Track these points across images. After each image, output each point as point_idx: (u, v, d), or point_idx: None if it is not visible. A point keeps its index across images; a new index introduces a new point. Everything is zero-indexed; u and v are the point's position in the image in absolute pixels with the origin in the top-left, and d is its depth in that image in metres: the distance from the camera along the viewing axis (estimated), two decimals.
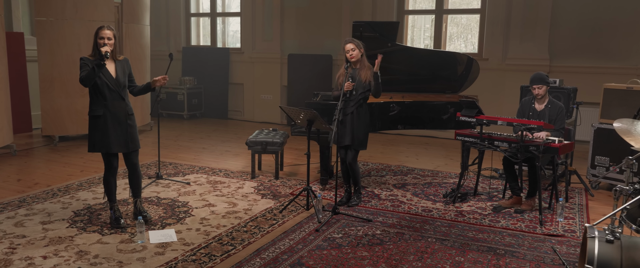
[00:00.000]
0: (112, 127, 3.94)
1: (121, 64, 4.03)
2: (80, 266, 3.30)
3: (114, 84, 3.93)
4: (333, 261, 3.47)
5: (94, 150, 3.97)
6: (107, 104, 3.92)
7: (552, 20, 7.46)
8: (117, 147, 3.99)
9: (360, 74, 4.47)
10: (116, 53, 3.99)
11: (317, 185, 5.27)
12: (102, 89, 3.89)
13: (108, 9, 7.20)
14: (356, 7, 8.55)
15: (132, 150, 4.08)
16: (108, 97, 3.92)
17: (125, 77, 4.04)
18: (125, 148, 4.04)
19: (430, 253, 3.63)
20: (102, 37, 3.85)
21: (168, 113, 9.88)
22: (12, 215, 4.22)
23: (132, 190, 4.23)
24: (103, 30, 3.88)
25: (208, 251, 3.59)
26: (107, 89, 3.91)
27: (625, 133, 2.77)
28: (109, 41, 3.86)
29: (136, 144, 4.11)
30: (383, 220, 4.27)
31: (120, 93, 3.98)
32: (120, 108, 3.97)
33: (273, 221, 4.21)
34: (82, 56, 3.93)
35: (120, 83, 3.97)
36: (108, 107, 3.93)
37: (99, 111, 3.91)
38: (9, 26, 7.89)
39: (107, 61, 3.89)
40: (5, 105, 6.22)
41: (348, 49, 4.48)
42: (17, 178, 5.41)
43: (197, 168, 5.92)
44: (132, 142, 4.06)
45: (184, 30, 10.36)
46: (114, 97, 3.94)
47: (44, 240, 3.72)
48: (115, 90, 3.94)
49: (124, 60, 4.09)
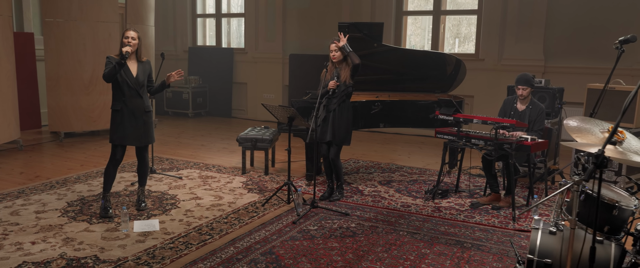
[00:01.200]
0: (128, 122, 4.21)
1: (143, 65, 4.29)
2: (65, 252, 3.52)
3: (133, 82, 4.19)
4: (303, 250, 3.63)
5: (111, 141, 4.25)
6: (126, 100, 4.19)
7: (547, 21, 7.52)
8: (132, 141, 4.26)
9: (340, 73, 4.63)
10: (140, 54, 4.26)
11: (304, 181, 5.44)
12: (122, 86, 4.16)
13: (113, 10, 7.48)
14: (355, 9, 8.70)
15: (145, 144, 4.36)
16: (126, 94, 4.18)
17: (145, 77, 4.29)
18: (139, 143, 4.32)
19: (398, 245, 3.78)
20: (126, 37, 4.13)
21: (174, 111, 10.15)
22: (9, 205, 4.48)
23: (139, 179, 4.52)
24: (128, 31, 4.17)
25: (186, 240, 3.79)
26: (127, 86, 4.17)
27: (576, 131, 2.87)
28: (132, 41, 4.14)
29: (149, 139, 4.38)
30: (360, 214, 4.42)
31: (139, 91, 4.23)
32: (137, 105, 4.23)
33: (254, 214, 4.40)
34: (108, 55, 4.20)
35: (139, 82, 4.22)
36: (126, 103, 4.19)
37: (118, 106, 4.20)
38: (20, 27, 8.23)
39: (131, 61, 4.18)
40: (12, 102, 6.53)
41: (332, 49, 4.65)
42: (20, 171, 5.69)
43: (192, 164, 6.14)
44: (146, 137, 4.33)
45: (190, 31, 10.63)
46: (132, 94, 4.20)
47: (35, 227, 3.96)
48: (133, 88, 4.20)
49: (147, 61, 4.34)
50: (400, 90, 6.03)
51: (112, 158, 4.28)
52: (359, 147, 7.37)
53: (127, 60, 4.15)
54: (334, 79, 4.61)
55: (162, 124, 9.07)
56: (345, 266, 3.41)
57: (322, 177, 5.53)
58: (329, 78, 4.66)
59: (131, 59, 4.20)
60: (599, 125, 3.01)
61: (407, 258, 3.55)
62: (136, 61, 4.23)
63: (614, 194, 2.70)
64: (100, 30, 7.32)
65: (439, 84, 6.17)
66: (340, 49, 4.58)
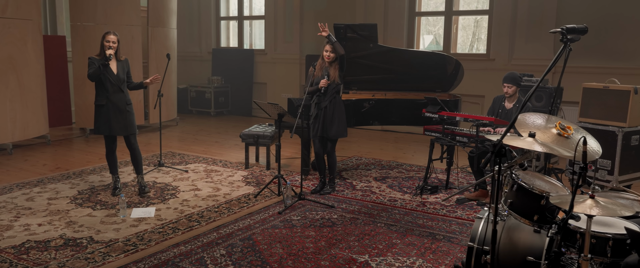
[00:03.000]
0: (113, 114, 4.69)
1: (122, 64, 4.80)
2: (65, 233, 3.90)
3: (114, 79, 4.67)
4: (279, 237, 3.88)
5: (98, 133, 4.78)
6: (109, 96, 4.66)
7: (557, 21, 7.48)
8: (117, 131, 4.76)
9: (330, 72, 4.86)
10: (119, 54, 4.74)
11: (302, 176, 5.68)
12: (105, 83, 4.65)
13: (135, 13, 7.94)
14: (369, 10, 8.88)
15: (130, 133, 4.81)
16: (109, 90, 4.66)
17: (124, 74, 4.80)
18: (124, 132, 4.79)
19: (372, 235, 3.97)
20: (108, 41, 4.59)
21: (197, 110, 10.60)
22: (27, 192, 4.93)
23: (135, 168, 4.95)
24: (108, 35, 4.65)
25: (175, 226, 4.10)
26: (109, 83, 4.65)
27: (523, 126, 2.98)
28: (113, 45, 4.63)
29: (133, 129, 4.84)
30: (345, 207, 4.63)
31: (120, 87, 4.74)
32: (119, 99, 4.72)
33: (244, 204, 4.68)
34: (90, 56, 4.67)
35: (120, 79, 4.73)
36: (109, 98, 4.67)
37: (102, 101, 4.68)
38: (54, 30, 8.85)
39: (111, 61, 4.67)
40: (41, 99, 7.06)
41: (327, 49, 4.90)
42: (43, 163, 6.18)
43: (201, 158, 6.49)
44: (130, 126, 4.81)
45: (214, 33, 11.06)
46: (114, 90, 4.69)
47: (44, 212, 4.37)
48: (115, 85, 4.69)
49: (125, 60, 4.87)
50: (400, 90, 6.20)
51: (109, 147, 4.85)
52: (367, 145, 7.56)
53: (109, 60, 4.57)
54: (325, 78, 4.84)
55: (184, 122, 9.52)
56: (314, 252, 3.64)
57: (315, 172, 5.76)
58: (318, 75, 4.89)
59: (112, 59, 4.61)
60: (553, 121, 3.12)
61: (375, 247, 3.75)
62: (116, 60, 4.71)
63: (546, 185, 2.83)
64: (123, 33, 7.76)
65: (440, 84, 6.29)
66: (327, 38, 4.81)
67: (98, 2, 7.54)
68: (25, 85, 6.73)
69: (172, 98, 8.97)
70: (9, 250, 3.58)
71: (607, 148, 5.24)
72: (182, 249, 3.65)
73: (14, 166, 5.99)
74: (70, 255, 3.49)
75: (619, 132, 5.05)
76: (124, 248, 3.63)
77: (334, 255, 3.58)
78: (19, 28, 6.58)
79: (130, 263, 3.40)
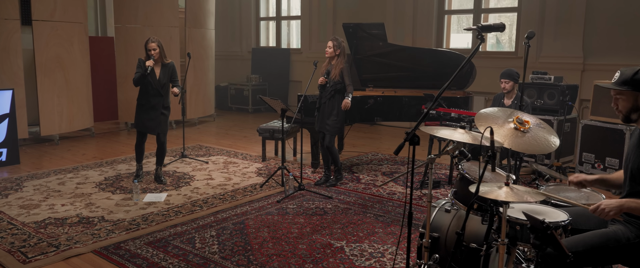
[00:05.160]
0: (149, 114, 5.13)
1: (166, 67, 5.15)
2: (81, 212, 4.38)
3: (156, 83, 5.10)
4: (269, 223, 4.17)
5: (134, 127, 5.21)
6: (149, 97, 5.10)
7: (586, 18, 7.31)
8: (149, 129, 5.19)
9: (331, 71, 5.10)
10: (163, 58, 5.12)
11: (311, 168, 5.94)
12: (147, 87, 5.10)
13: (173, 15, 8.49)
14: (399, 8, 9.00)
15: (161, 132, 5.21)
16: (150, 93, 5.11)
17: (167, 77, 5.17)
18: (153, 132, 5.20)
19: (357, 224, 4.17)
20: (149, 49, 5.01)
21: (236, 107, 11.11)
22: (61, 177, 5.50)
23: (157, 159, 5.39)
24: (149, 43, 5.05)
25: (179, 209, 4.49)
26: (151, 87, 5.10)
27: (482, 119, 3.08)
28: (153, 52, 5.02)
29: (164, 129, 5.23)
30: (342, 198, 4.85)
31: (160, 91, 5.13)
32: (158, 102, 5.14)
33: (249, 193, 5.00)
34: (140, 57, 5.11)
35: (161, 83, 5.12)
36: (149, 100, 5.11)
37: (143, 100, 5.14)
38: (103, 32, 9.60)
39: (156, 65, 5.09)
40: (86, 95, 7.73)
41: (329, 46, 5.15)
42: (82, 153, 6.80)
43: (225, 151, 6.90)
44: (160, 127, 5.20)
45: (254, 33, 11.53)
46: (155, 93, 5.12)
47: (70, 195, 4.89)
48: (156, 89, 5.11)
49: (170, 64, 5.20)
50: (416, 87, 6.32)
51: (138, 140, 5.27)
52: (388, 142, 7.70)
53: (153, 65, 4.98)
54: (324, 76, 5.08)
55: (221, 118, 10.02)
56: (297, 237, 3.89)
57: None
58: (323, 72, 5.14)
59: (156, 64, 5.03)
60: (511, 115, 3.21)
61: (356, 234, 3.95)
62: (160, 65, 5.06)
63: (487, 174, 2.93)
64: (162, 33, 8.34)
65: (456, 82, 6.35)
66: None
67: (139, 5, 8.13)
68: (72, 82, 7.40)
69: (208, 95, 9.48)
70: (31, 224, 4.08)
71: (615, 147, 5.16)
72: (178, 229, 4.01)
73: (57, 155, 6.64)
74: (80, 231, 3.94)
75: (626, 131, 4.95)
76: (128, 227, 4.05)
77: (313, 240, 3.82)
78: (66, 30, 7.25)
79: (128, 240, 3.80)
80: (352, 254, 3.59)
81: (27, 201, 4.67)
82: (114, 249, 3.64)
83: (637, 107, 2.30)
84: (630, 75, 2.30)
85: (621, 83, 2.33)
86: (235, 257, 3.52)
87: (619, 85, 2.33)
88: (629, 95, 2.31)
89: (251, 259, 3.49)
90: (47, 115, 7.09)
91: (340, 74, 5.06)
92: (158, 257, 3.50)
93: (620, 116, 2.40)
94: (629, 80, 2.30)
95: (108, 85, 9.08)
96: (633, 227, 2.29)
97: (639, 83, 2.28)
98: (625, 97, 2.32)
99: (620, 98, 2.35)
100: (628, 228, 2.30)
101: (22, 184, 5.21)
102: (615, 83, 2.35)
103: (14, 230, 3.96)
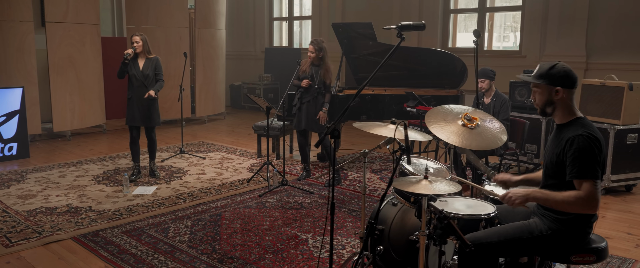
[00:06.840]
0: (136, 107, 5.29)
1: (150, 61, 5.33)
2: (72, 202, 4.65)
3: (139, 75, 5.27)
4: (244, 216, 4.33)
5: (126, 124, 5.39)
6: (134, 90, 5.28)
7: (589, 16, 7.20)
8: (138, 122, 5.36)
9: (314, 75, 5.24)
10: (147, 52, 5.31)
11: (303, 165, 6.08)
12: (131, 79, 5.28)
13: (183, 16, 8.77)
14: (404, 8, 9.04)
15: (149, 125, 5.40)
16: (134, 84, 5.28)
17: (151, 70, 5.32)
18: (143, 123, 5.39)
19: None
20: (132, 42, 5.23)
21: (249, 105, 11.35)
22: (63, 170, 5.81)
23: (149, 154, 5.61)
24: (134, 36, 5.27)
25: (163, 201, 4.70)
26: (135, 79, 5.27)
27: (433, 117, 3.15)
28: (137, 44, 5.23)
29: (153, 122, 5.40)
30: (324, 194, 4.97)
31: (144, 82, 5.29)
32: (143, 93, 5.26)
33: (235, 187, 5.18)
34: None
35: (144, 75, 5.28)
36: (134, 92, 5.28)
37: (130, 95, 5.31)
38: (120, 32, 9.98)
39: (140, 58, 5.27)
40: (98, 94, 8.09)
41: (310, 51, 5.30)
42: (90, 148, 7.13)
43: (224, 148, 7.11)
44: (150, 119, 5.38)
45: (267, 33, 11.74)
46: (139, 84, 5.28)
47: (67, 186, 5.18)
48: (139, 80, 5.28)
49: (154, 58, 5.37)
50: (408, 86, 6.37)
51: (130, 136, 5.43)
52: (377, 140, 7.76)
53: (138, 58, 5.21)
54: (308, 79, 5.23)
55: (232, 116, 10.27)
56: (268, 228, 4.04)
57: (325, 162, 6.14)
58: (306, 72, 5.27)
59: (141, 57, 5.25)
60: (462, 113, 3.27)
61: (325, 228, 4.07)
62: (144, 58, 5.26)
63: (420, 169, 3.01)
64: (172, 34, 8.65)
65: (450, 81, 6.39)
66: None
67: (150, 6, 8.44)
68: (84, 81, 7.76)
69: (218, 94, 9.73)
70: (23, 213, 4.37)
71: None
72: (157, 220, 4.22)
73: (67, 150, 6.99)
74: (65, 220, 4.20)
75: (611, 130, 4.90)
76: (111, 217, 4.28)
77: (281, 233, 3.96)
78: (78, 31, 7.61)
79: (108, 228, 4.02)
80: (314, 246, 3.72)
81: (26, 192, 4.98)
82: (91, 236, 3.87)
83: (551, 100, 2.35)
84: (546, 69, 2.35)
85: (538, 77, 2.37)
86: (201, 245, 3.70)
87: (536, 79, 2.38)
88: (544, 89, 2.35)
89: (216, 248, 3.65)
90: (60, 112, 7.45)
91: (325, 76, 5.19)
92: (130, 244, 3.71)
93: (538, 109, 2.44)
94: (544, 74, 2.35)
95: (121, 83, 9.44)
96: (546, 220, 2.34)
97: (553, 77, 2.32)
98: (541, 90, 2.37)
99: (537, 91, 2.40)
100: (542, 221, 2.35)
101: (26, 176, 5.54)
102: (533, 76, 2.40)
103: (6, 218, 4.24)
